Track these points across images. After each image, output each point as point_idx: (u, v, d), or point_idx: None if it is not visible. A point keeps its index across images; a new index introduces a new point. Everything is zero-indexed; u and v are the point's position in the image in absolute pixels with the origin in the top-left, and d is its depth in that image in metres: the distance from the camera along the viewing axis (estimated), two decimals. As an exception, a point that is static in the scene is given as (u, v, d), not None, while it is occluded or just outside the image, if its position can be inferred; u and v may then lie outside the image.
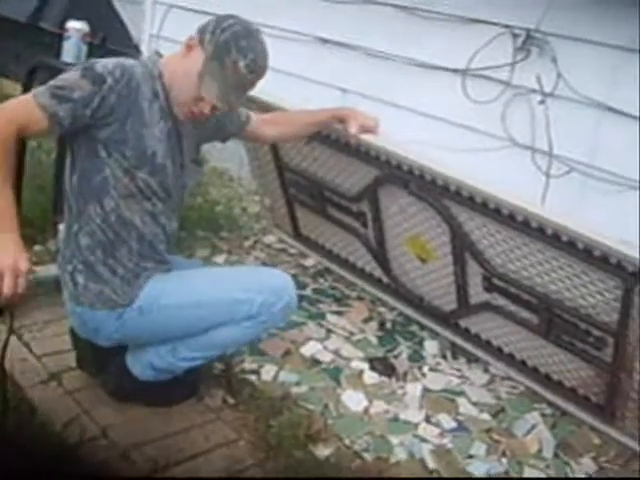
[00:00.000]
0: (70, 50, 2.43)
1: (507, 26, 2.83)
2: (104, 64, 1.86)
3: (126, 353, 2.16)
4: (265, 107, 2.49)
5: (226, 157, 3.36)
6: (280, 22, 3.59)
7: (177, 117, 2.00)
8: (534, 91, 2.78)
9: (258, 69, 1.94)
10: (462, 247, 2.34)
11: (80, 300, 2.02)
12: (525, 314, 2.33)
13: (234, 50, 1.88)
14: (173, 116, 1.99)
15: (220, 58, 1.89)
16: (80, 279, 2.00)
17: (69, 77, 1.83)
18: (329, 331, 2.73)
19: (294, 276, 3.07)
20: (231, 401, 2.28)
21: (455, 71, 2.98)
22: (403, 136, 2.88)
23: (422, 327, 2.80)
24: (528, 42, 2.76)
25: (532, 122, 2.81)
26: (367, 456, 2.12)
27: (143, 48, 4.06)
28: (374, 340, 2.71)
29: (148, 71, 1.95)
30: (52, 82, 1.82)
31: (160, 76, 1.96)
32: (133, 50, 2.65)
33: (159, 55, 2.03)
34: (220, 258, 3.18)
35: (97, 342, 2.10)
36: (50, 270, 2.68)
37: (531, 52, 2.77)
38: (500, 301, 2.38)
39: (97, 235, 1.97)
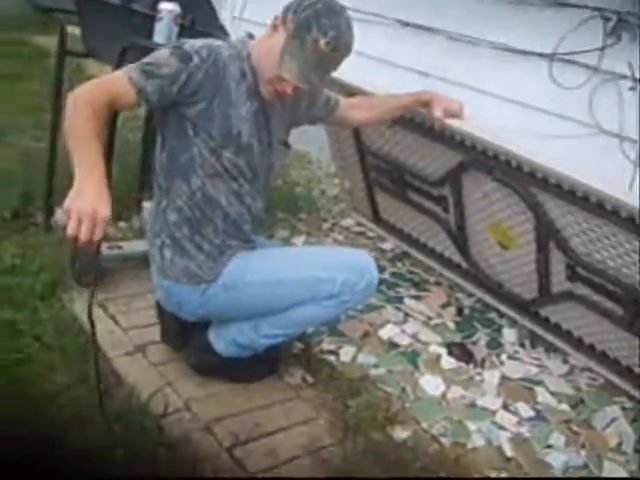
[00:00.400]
0: (162, 31, 2.47)
1: (598, 9, 2.76)
2: (192, 44, 1.91)
3: (209, 329, 2.21)
4: (349, 90, 2.50)
5: (307, 140, 3.37)
6: (361, 4, 3.58)
7: (264, 97, 2.02)
8: (624, 77, 2.70)
9: (341, 47, 1.91)
10: (547, 235, 2.31)
11: (167, 274, 2.07)
12: (609, 305, 2.28)
13: (315, 28, 1.86)
14: (260, 96, 2.02)
15: (301, 36, 1.87)
16: (167, 253, 2.06)
17: (159, 55, 1.88)
18: (407, 315, 2.73)
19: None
20: (310, 380, 2.31)
21: (542, 55, 2.92)
22: (487, 121, 2.87)
23: (501, 314, 2.77)
24: (619, 26, 2.68)
25: (621, 109, 2.73)
26: (444, 441, 2.12)
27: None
28: (452, 326, 2.71)
29: (236, 52, 1.98)
30: (143, 59, 1.88)
31: (248, 57, 1.99)
32: (220, 32, 2.66)
33: (250, 37, 2.06)
34: (299, 240, 3.21)
35: (181, 316, 2.16)
36: (134, 246, 2.77)
37: (622, 37, 2.69)
38: (583, 291, 2.34)
39: (184, 212, 2.02)
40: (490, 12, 3.16)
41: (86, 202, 1.59)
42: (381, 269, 3.01)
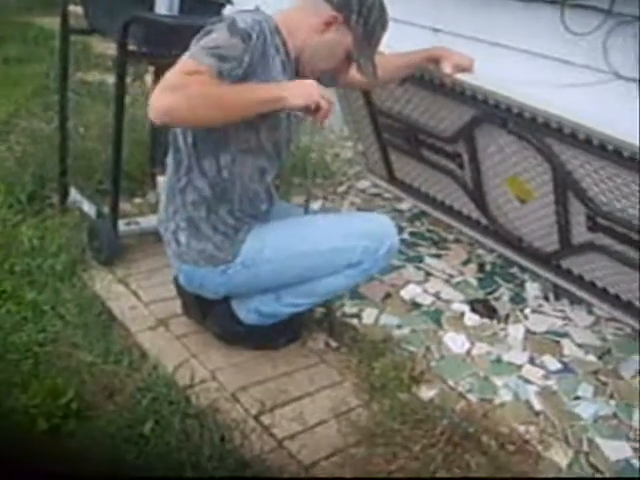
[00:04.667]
0: (163, 2, 2.44)
1: (608, -48, 2.68)
2: (243, 19, 1.86)
3: (231, 298, 2.21)
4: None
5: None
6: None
7: (294, 73, 2.01)
8: (638, 18, 2.63)
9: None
10: (564, 186, 2.27)
11: (184, 258, 2.07)
12: (632, 254, 2.24)
13: (379, 29, 2.03)
14: (291, 71, 2.00)
15: (369, 38, 2.01)
16: (182, 238, 2.05)
17: (219, 36, 1.82)
18: (428, 274, 2.72)
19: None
20: (334, 344, 2.31)
21: (553, 2, 2.85)
22: (500, 74, 2.81)
23: (522, 269, 2.75)
24: (631, -33, 2.61)
25: (636, 53, 2.67)
26: (471, 397, 2.12)
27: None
28: (474, 282, 2.69)
29: (268, 25, 1.93)
30: (202, 44, 1.80)
31: (278, 31, 1.95)
32: (225, 0, 2.64)
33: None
34: (316, 205, 3.20)
35: (205, 295, 2.17)
36: (151, 221, 2.76)
37: (634, -23, 2.62)
38: (605, 241, 2.31)
39: (205, 191, 2.00)
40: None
41: (312, 88, 1.83)
42: (400, 229, 2.99)
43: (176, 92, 1.69)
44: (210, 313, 2.25)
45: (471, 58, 2.31)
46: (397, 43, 2.46)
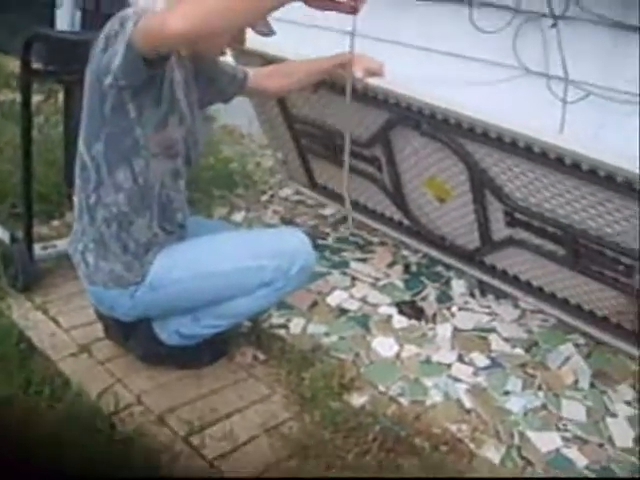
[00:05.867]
0: (64, 18, 2.38)
1: (511, -50, 2.74)
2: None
3: (152, 320, 2.16)
4: (269, 60, 2.45)
5: (235, 114, 3.32)
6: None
7: (187, 65, 1.98)
8: (544, 15, 2.69)
9: None
10: (481, 184, 2.29)
11: (93, 279, 2.01)
12: (551, 246, 2.28)
13: None
14: (184, 63, 1.97)
15: None
16: (90, 258, 1.99)
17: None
18: (354, 279, 2.71)
19: (315, 226, 3.07)
20: (262, 357, 2.28)
21: (461, 1, 2.89)
22: (412, 75, 2.83)
23: (448, 267, 2.77)
24: (534, -35, 2.67)
25: (544, 48, 2.72)
26: (403, 401, 2.11)
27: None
28: (400, 284, 2.69)
29: None
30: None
31: None
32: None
33: None
34: (239, 216, 3.16)
35: (117, 317, 2.11)
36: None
37: (538, -26, 2.67)
38: (524, 235, 2.34)
39: (119, 205, 1.93)
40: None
41: None
42: (324, 235, 2.99)
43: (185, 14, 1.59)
44: (132, 335, 2.19)
45: (381, 62, 2.31)
46: (309, 47, 2.46)
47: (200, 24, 1.59)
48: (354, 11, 1.66)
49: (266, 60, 2.49)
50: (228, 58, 2.52)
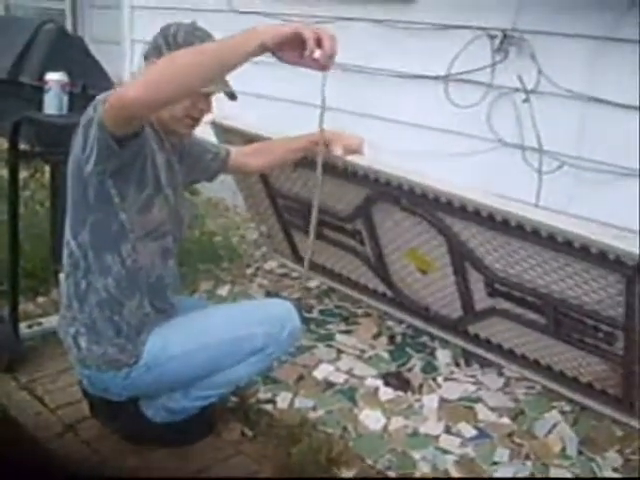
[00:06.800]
0: (51, 102, 2.43)
1: (482, 28, 2.84)
2: None
3: (138, 398, 2.16)
4: (250, 138, 2.51)
5: (219, 187, 3.36)
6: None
7: (168, 148, 2.02)
8: (517, 90, 2.78)
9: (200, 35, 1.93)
10: (461, 256, 2.34)
11: (86, 363, 2.02)
12: (532, 315, 2.32)
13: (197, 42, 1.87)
14: (165, 147, 2.01)
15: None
16: (83, 342, 2.00)
17: None
18: (340, 351, 2.71)
19: (298, 299, 3.09)
20: (249, 433, 2.27)
21: (436, 78, 2.99)
22: (391, 149, 2.91)
23: (432, 337, 2.79)
24: (505, 42, 2.77)
25: (518, 121, 2.81)
26: (391, 474, 2.10)
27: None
28: (386, 355, 2.70)
29: None
30: None
31: None
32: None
33: None
34: (224, 290, 3.17)
35: (109, 398, 2.11)
36: (55, 321, 2.65)
37: (509, 51, 2.78)
38: (505, 305, 2.37)
39: (109, 288, 1.95)
40: (383, 41, 3.22)
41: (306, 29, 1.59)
42: (309, 308, 3.01)
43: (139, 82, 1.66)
44: (118, 414, 2.18)
45: (361, 138, 2.37)
46: (288, 123, 2.53)
47: (154, 87, 1.63)
48: (324, 68, 1.71)
49: (247, 138, 2.55)
50: (211, 137, 2.59)
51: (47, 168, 3.54)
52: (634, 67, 2.47)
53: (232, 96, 2.02)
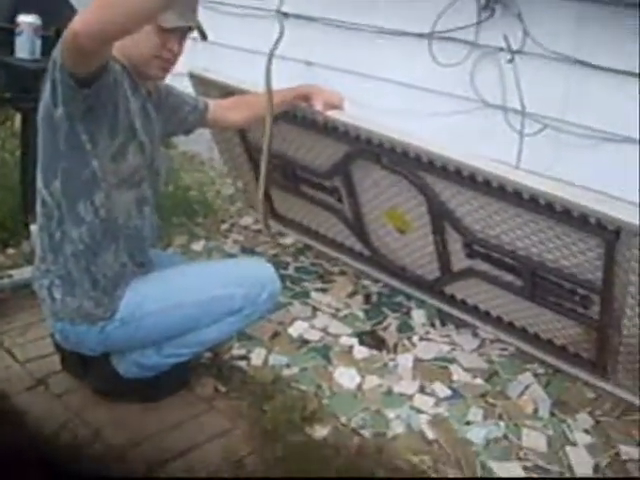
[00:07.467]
0: (24, 46, 2.34)
1: (468, -16, 2.78)
2: None
3: (110, 353, 2.12)
4: (230, 91, 2.45)
5: (195, 141, 3.30)
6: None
7: (144, 92, 1.96)
8: (502, 50, 2.74)
9: None
10: (440, 216, 2.32)
11: (59, 316, 1.98)
12: (509, 277, 2.31)
13: None
14: (140, 92, 1.95)
15: None
16: (57, 294, 1.95)
17: None
18: (315, 309, 2.70)
19: (274, 256, 3.06)
20: (222, 389, 2.25)
21: (420, 35, 2.93)
22: (373, 106, 2.86)
23: (408, 297, 2.78)
24: (491, 0, 2.71)
25: (502, 82, 2.77)
26: (365, 433, 2.11)
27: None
28: (361, 314, 2.69)
29: None
30: None
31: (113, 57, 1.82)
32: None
33: None
34: (198, 245, 3.13)
35: (82, 352, 2.08)
36: (26, 272, 2.62)
37: (495, 10, 2.72)
38: (483, 266, 2.36)
39: (84, 239, 1.90)
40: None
41: None
42: (284, 265, 2.99)
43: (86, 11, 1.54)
44: (90, 368, 2.15)
45: (341, 94, 2.33)
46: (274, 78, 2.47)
47: (98, 16, 1.52)
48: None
49: (226, 91, 2.50)
50: (188, 89, 2.53)
51: (18, 116, 3.47)
52: (623, 30, 2.43)
53: (202, 34, 1.95)
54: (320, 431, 2.10)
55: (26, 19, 2.35)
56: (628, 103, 2.45)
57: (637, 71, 2.42)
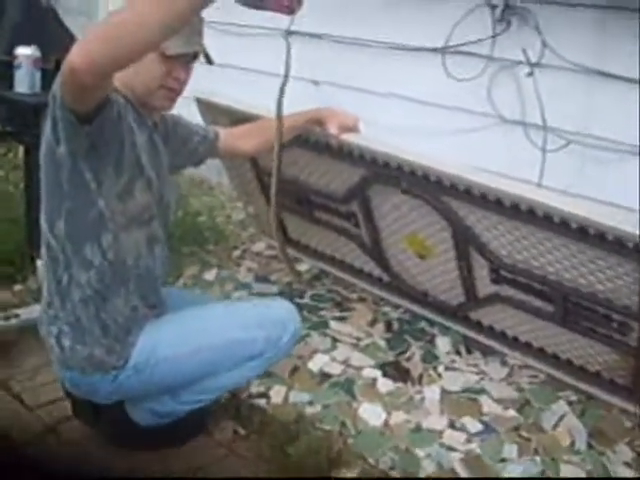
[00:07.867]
0: (23, 79, 2.26)
1: (482, -3, 2.69)
2: None
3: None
4: (238, 118, 2.36)
5: (202, 165, 3.22)
6: (249, 19, 3.43)
7: (150, 124, 1.87)
8: (520, 63, 2.64)
9: None
10: (465, 241, 2.22)
11: (69, 364, 1.87)
12: (538, 303, 2.21)
13: None
14: (147, 124, 1.85)
15: None
16: (66, 342, 1.84)
17: None
18: (335, 340, 2.58)
19: (289, 284, 2.96)
20: (242, 432, 2.15)
21: (434, 50, 2.83)
22: (386, 124, 2.76)
23: (431, 323, 2.67)
24: (507, 12, 2.62)
25: (520, 96, 2.67)
26: (395, 474, 1.99)
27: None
28: (383, 344, 2.57)
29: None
30: None
31: (115, 89, 1.72)
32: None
33: None
34: (210, 274, 3.03)
35: (94, 401, 1.97)
36: (34, 311, 2.52)
37: (512, 22, 2.63)
38: (510, 292, 2.27)
39: (92, 283, 1.80)
40: (379, 12, 3.06)
41: None
42: (300, 293, 2.88)
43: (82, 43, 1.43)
44: (103, 416, 2.05)
45: (356, 117, 2.24)
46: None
47: (98, 46, 1.40)
48: (290, 11, 1.53)
49: (235, 118, 2.40)
50: (197, 117, 2.44)
51: (21, 148, 3.39)
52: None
53: (209, 59, 1.86)
54: (347, 474, 1.99)
55: (25, 51, 2.27)
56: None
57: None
